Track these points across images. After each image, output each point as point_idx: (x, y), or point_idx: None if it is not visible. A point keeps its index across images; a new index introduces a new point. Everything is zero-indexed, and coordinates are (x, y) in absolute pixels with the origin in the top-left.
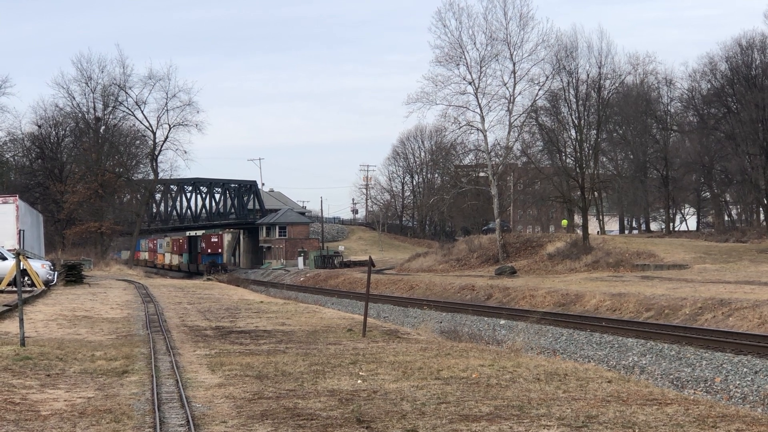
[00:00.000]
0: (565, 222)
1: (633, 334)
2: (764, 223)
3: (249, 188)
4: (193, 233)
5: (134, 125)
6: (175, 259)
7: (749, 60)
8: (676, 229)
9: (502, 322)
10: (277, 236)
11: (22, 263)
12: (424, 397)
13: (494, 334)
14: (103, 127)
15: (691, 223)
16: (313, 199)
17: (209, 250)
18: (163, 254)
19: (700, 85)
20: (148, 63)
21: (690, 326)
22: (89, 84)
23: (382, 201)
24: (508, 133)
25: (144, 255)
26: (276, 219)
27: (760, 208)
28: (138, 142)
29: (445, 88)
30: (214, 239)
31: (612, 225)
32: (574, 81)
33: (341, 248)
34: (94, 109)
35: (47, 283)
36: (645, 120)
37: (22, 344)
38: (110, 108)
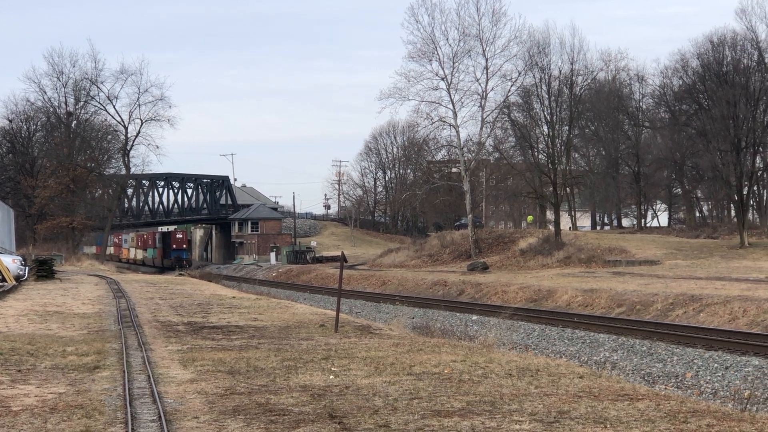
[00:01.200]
0: (530, 218)
1: (605, 330)
2: (735, 220)
3: (221, 183)
4: (165, 228)
5: (106, 120)
6: (140, 254)
7: (720, 57)
8: (648, 225)
9: (475, 317)
10: (249, 232)
11: None
12: (396, 393)
13: (466, 329)
14: (74, 122)
15: (663, 219)
16: (286, 195)
17: (174, 246)
18: (128, 249)
19: (672, 82)
20: (120, 58)
21: (661, 322)
22: (61, 78)
23: (354, 197)
24: (481, 128)
25: (109, 249)
26: (248, 214)
27: (731, 205)
28: (110, 137)
29: (417, 84)
30: (179, 235)
31: (584, 221)
32: (546, 77)
33: (314, 244)
34: (66, 103)
35: (18, 279)
36: (617, 116)
37: None
38: (82, 103)
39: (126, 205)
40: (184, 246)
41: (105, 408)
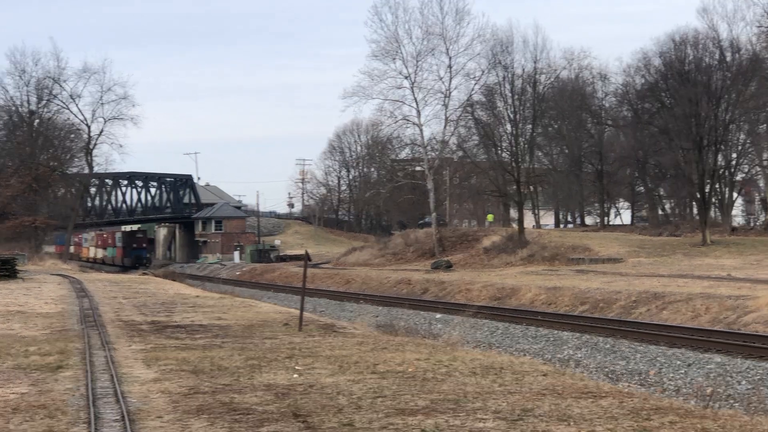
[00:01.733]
0: (490, 216)
1: (568, 328)
2: (697, 217)
3: (185, 182)
4: (129, 228)
5: (69, 119)
6: (100, 253)
7: (682, 55)
8: (611, 223)
9: (438, 316)
10: (213, 230)
11: None
12: (360, 391)
13: (430, 328)
14: (37, 121)
15: (626, 217)
16: (250, 194)
17: (134, 245)
18: (88, 248)
19: (634, 80)
20: (83, 56)
21: (624, 319)
22: (23, 77)
23: (318, 195)
24: (444, 127)
25: (69, 248)
26: (212, 213)
27: (693, 203)
28: (73, 135)
29: (381, 83)
30: (139, 234)
31: (547, 219)
32: (509, 75)
33: (277, 242)
34: (28, 102)
35: None
36: (580, 114)
37: None
38: (44, 101)
39: (89, 205)
40: (144, 245)
41: (68, 408)
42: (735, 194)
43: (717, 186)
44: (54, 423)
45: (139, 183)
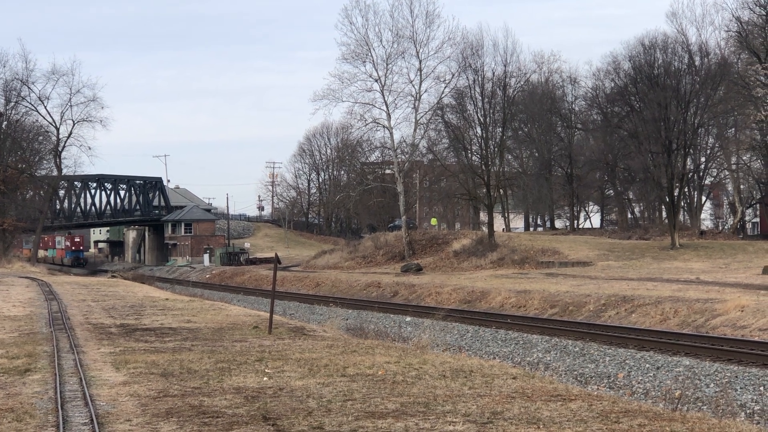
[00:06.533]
0: (434, 220)
1: (538, 331)
2: (666, 221)
3: (154, 185)
4: (96, 231)
5: (37, 121)
6: (41, 253)
7: (652, 59)
8: (581, 226)
9: (408, 319)
10: (182, 233)
11: None
12: (330, 394)
13: (400, 331)
14: (5, 123)
15: (595, 220)
16: (219, 196)
17: (73, 247)
18: (30, 249)
19: (604, 84)
20: (52, 58)
21: (594, 323)
22: None
23: (288, 198)
24: (414, 130)
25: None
26: (182, 216)
27: (662, 206)
28: (41, 137)
29: (351, 86)
30: (77, 238)
31: (517, 222)
32: (479, 79)
33: (247, 245)
34: None
35: None
36: (550, 118)
37: None
38: (12, 103)
39: (58, 207)
40: (81, 247)
41: (36, 411)
42: (704, 198)
43: (686, 189)
44: (22, 426)
45: (108, 185)
